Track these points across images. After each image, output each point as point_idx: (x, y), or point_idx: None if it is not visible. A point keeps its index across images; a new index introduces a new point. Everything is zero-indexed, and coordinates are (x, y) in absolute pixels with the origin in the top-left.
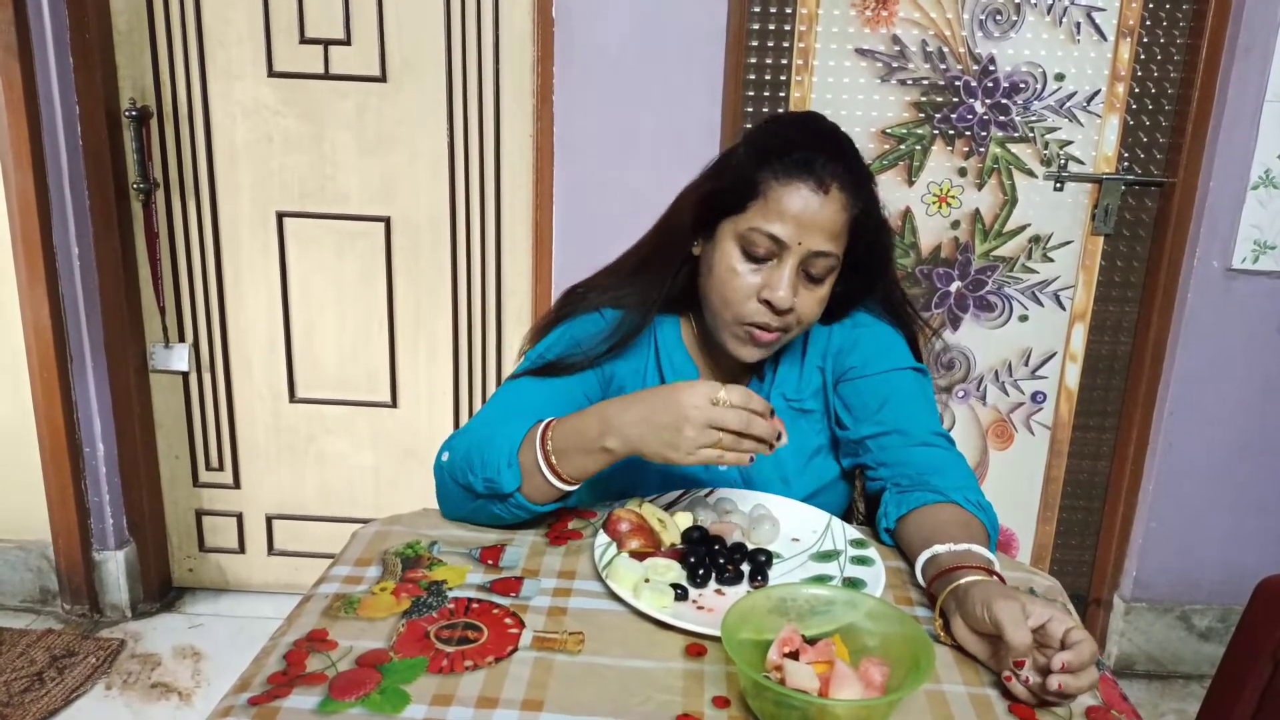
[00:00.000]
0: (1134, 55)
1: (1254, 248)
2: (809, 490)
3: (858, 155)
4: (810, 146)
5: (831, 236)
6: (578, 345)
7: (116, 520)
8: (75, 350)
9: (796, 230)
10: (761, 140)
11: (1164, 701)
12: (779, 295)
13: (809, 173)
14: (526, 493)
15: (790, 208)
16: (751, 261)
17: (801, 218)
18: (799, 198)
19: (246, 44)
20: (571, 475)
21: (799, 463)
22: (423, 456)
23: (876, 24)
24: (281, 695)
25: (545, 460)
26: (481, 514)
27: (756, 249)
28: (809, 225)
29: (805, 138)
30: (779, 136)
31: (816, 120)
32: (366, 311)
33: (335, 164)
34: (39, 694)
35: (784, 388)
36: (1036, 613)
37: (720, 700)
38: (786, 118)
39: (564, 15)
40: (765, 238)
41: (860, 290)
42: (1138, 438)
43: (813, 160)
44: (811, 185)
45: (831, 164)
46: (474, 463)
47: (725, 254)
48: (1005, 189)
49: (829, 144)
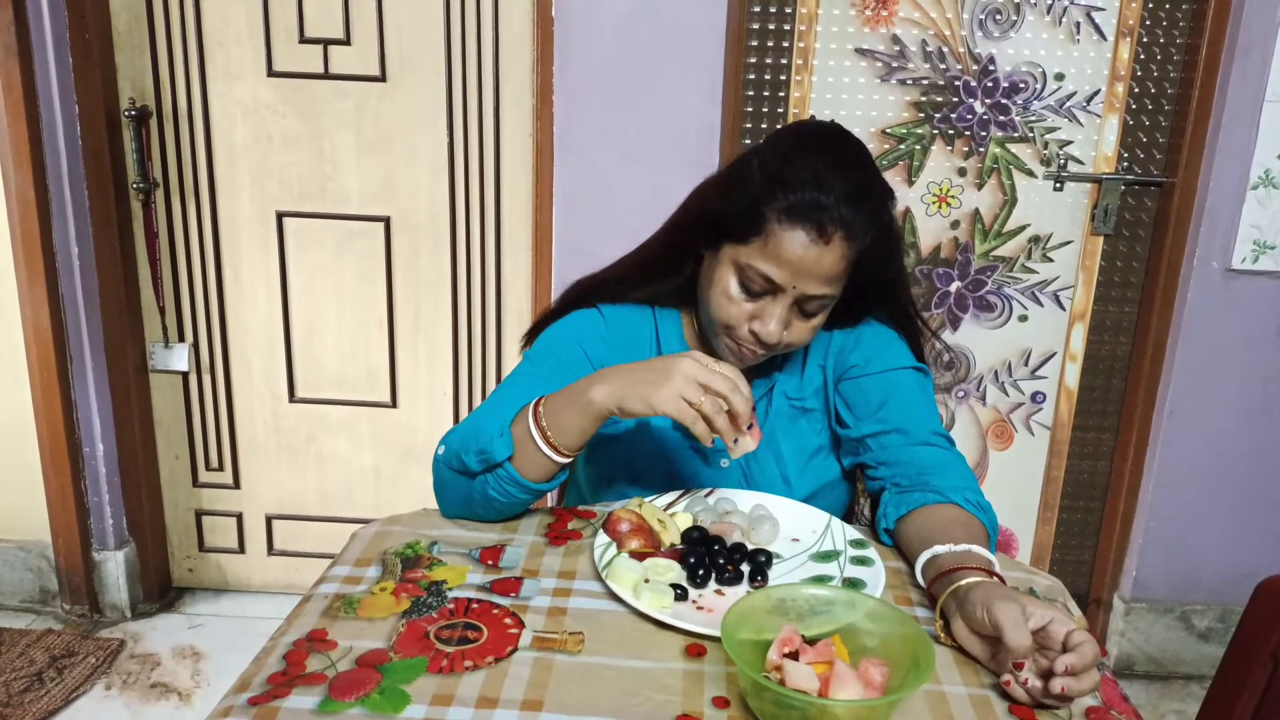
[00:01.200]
0: (1134, 55)
1: (1254, 248)
2: (810, 490)
3: (875, 182)
4: (821, 186)
5: (828, 281)
6: (577, 344)
7: (116, 520)
8: (75, 350)
9: (792, 275)
10: (775, 163)
11: (1164, 702)
12: (767, 330)
13: (812, 220)
14: (518, 465)
15: (789, 254)
16: (745, 293)
17: (799, 265)
18: (798, 245)
19: (246, 44)
20: (558, 439)
21: (800, 462)
22: (422, 456)
23: (876, 24)
24: (281, 695)
25: (536, 424)
26: (478, 501)
27: (752, 284)
28: (806, 273)
29: (818, 171)
30: (792, 164)
31: (836, 148)
32: (366, 311)
33: (335, 164)
34: (38, 694)
35: (785, 387)
36: (1037, 614)
37: (720, 700)
38: (809, 134)
39: (563, 15)
40: (761, 277)
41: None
42: (1137, 438)
43: (819, 204)
44: (813, 234)
45: (838, 207)
46: (468, 444)
47: (723, 277)
48: (1005, 189)
49: (840, 182)
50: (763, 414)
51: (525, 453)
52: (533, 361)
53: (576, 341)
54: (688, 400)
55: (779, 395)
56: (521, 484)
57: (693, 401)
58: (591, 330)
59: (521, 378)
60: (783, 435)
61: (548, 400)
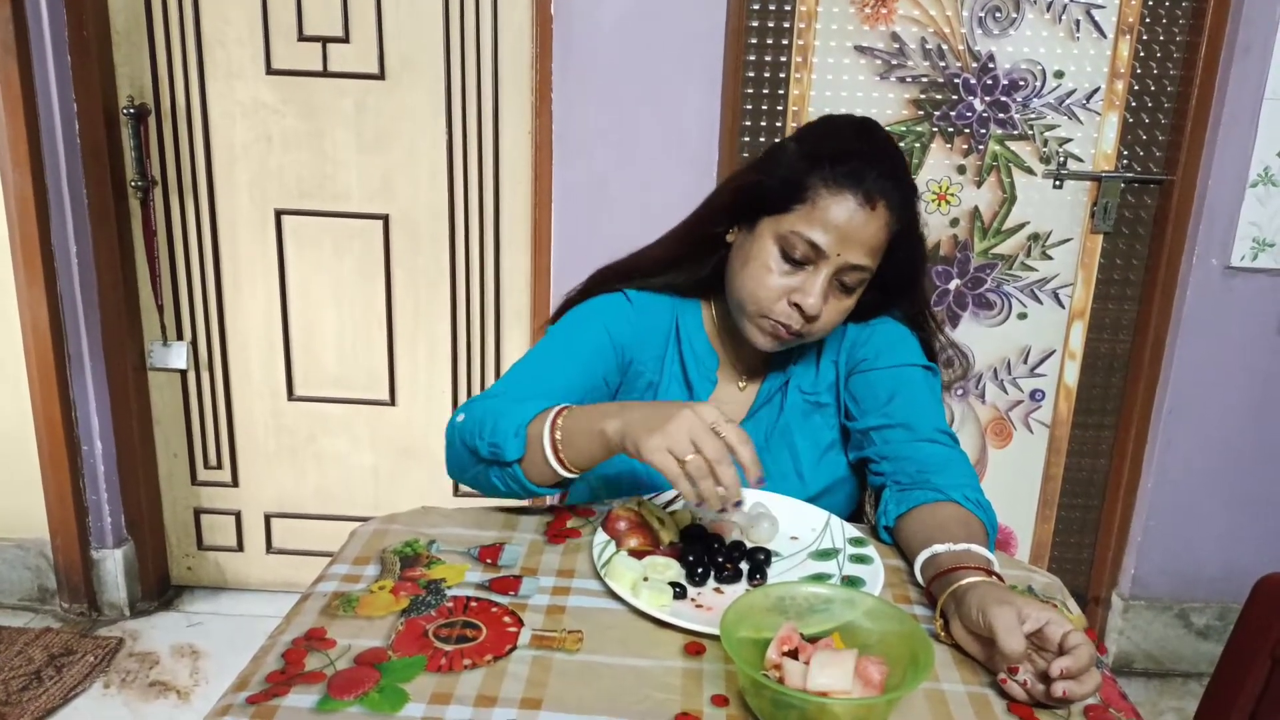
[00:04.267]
0: (1133, 53)
1: (1253, 245)
2: (823, 485)
3: (908, 172)
4: (865, 158)
5: (870, 252)
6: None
7: (115, 518)
8: (73, 348)
9: (838, 241)
10: (815, 141)
11: (1163, 700)
12: (810, 302)
13: (859, 185)
14: (525, 467)
15: (836, 218)
16: (788, 263)
17: (845, 230)
18: (845, 209)
19: (245, 42)
20: (570, 458)
21: (814, 456)
22: (421, 455)
23: (875, 21)
24: (280, 694)
25: (550, 438)
26: (482, 480)
27: (794, 252)
28: (851, 238)
29: (860, 147)
30: (834, 141)
31: (873, 130)
32: (365, 309)
33: (334, 162)
34: (37, 692)
35: (800, 382)
36: (1033, 617)
37: (719, 699)
38: (843, 121)
39: (563, 12)
40: (805, 243)
41: (888, 301)
42: (1136, 435)
43: (865, 173)
44: (860, 199)
45: (882, 180)
46: (485, 428)
47: (762, 250)
48: (1004, 187)
49: (883, 159)
50: (777, 409)
51: (535, 457)
52: (557, 338)
53: (602, 324)
54: (674, 454)
55: (794, 390)
56: (525, 485)
57: (680, 457)
58: (618, 314)
59: (545, 354)
60: (797, 430)
61: (569, 415)
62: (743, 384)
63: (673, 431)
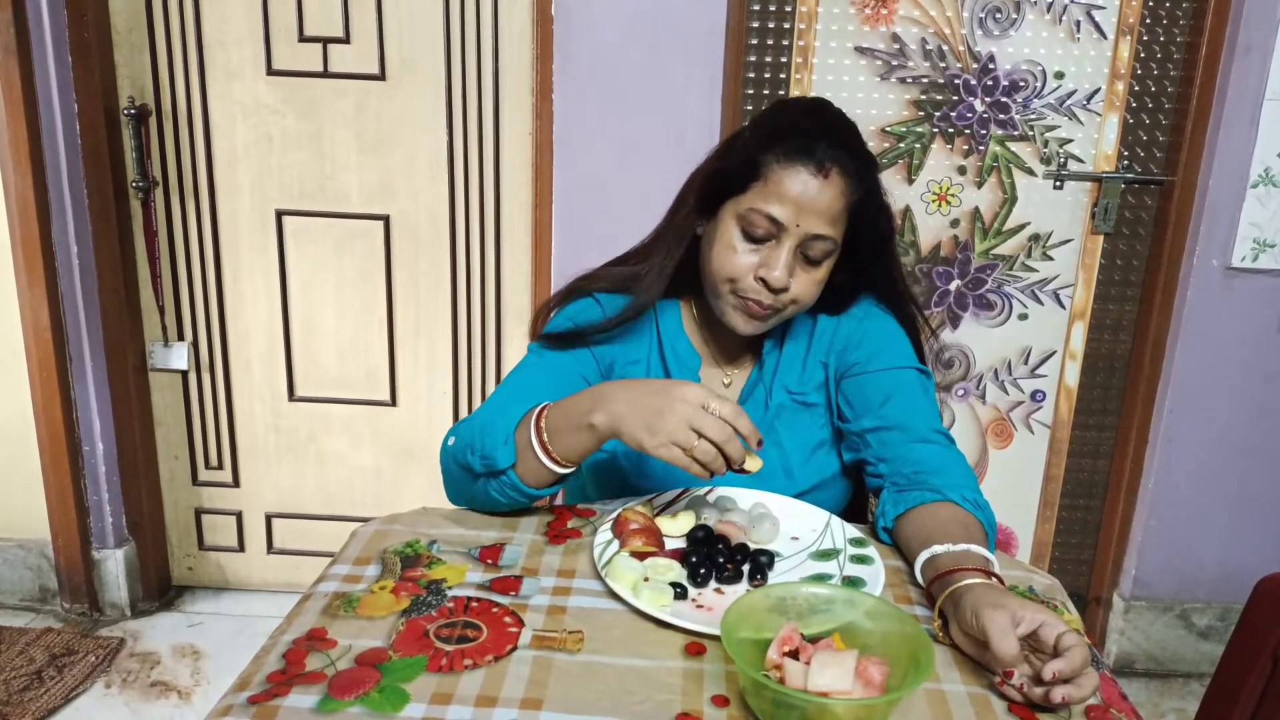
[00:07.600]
0: (1134, 53)
1: (1253, 246)
2: (811, 483)
3: (861, 142)
4: (813, 132)
5: (829, 220)
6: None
7: (116, 519)
8: (74, 349)
9: (795, 212)
10: (767, 123)
11: (1164, 700)
12: (774, 275)
13: (809, 156)
14: (520, 472)
15: (790, 190)
16: (750, 241)
17: (800, 200)
18: (799, 180)
19: (245, 43)
20: (560, 454)
21: (803, 455)
22: (422, 455)
23: (876, 22)
24: (281, 694)
25: (538, 437)
26: (481, 497)
27: (755, 229)
28: (807, 208)
29: (809, 122)
30: (784, 120)
31: (822, 106)
32: (366, 310)
33: (335, 162)
34: (38, 692)
35: (787, 380)
36: (1028, 619)
37: (719, 699)
38: (793, 103)
39: (563, 13)
40: (764, 218)
41: (862, 277)
42: (1137, 436)
43: (814, 144)
44: (811, 169)
45: (833, 150)
46: (474, 444)
47: (726, 231)
48: (1005, 187)
49: (832, 130)
50: (762, 406)
51: (527, 461)
52: (537, 353)
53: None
54: (680, 445)
55: (780, 389)
56: (523, 490)
57: (686, 447)
58: (589, 318)
59: (527, 370)
60: (784, 428)
61: (550, 411)
62: (727, 381)
63: (672, 425)
